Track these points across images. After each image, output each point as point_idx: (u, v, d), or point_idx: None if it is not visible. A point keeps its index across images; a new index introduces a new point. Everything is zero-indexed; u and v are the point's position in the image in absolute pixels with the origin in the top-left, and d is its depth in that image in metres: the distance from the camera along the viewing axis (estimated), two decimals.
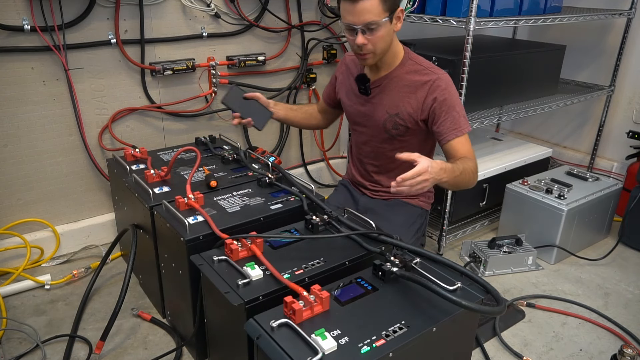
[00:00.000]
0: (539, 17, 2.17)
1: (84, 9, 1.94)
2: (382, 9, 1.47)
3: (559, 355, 1.70)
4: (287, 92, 2.59)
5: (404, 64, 1.65)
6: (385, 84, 1.67)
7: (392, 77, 1.66)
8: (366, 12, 1.46)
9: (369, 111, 1.73)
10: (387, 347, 1.04)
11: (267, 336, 1.06)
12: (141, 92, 2.19)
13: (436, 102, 1.59)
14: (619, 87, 2.79)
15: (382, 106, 1.69)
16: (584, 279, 2.14)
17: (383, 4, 1.47)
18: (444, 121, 1.59)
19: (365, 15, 1.47)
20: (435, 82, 1.60)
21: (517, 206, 2.32)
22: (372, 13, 1.47)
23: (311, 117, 2.00)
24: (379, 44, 1.53)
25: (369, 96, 1.71)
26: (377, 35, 1.51)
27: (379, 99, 1.69)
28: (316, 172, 2.89)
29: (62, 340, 1.68)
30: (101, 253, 2.18)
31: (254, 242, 1.36)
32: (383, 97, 1.68)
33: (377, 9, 1.46)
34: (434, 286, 1.13)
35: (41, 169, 2.06)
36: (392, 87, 1.66)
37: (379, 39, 1.52)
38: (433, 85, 1.60)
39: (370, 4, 1.46)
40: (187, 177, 1.74)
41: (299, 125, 2.07)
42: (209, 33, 2.26)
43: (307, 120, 2.00)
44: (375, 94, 1.70)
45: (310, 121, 2.01)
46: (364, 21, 1.48)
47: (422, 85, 1.61)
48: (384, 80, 1.67)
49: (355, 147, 1.89)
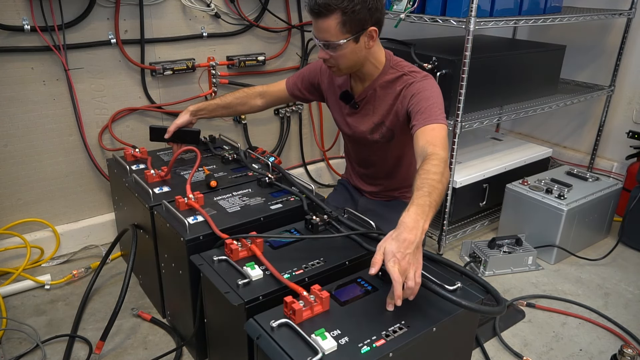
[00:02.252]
0: (539, 17, 2.17)
1: (84, 9, 1.94)
2: (341, 31, 1.44)
3: (559, 355, 1.70)
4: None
5: (385, 73, 1.61)
6: (370, 95, 1.65)
7: (375, 87, 1.63)
8: (324, 30, 1.45)
9: (355, 122, 1.72)
10: (387, 347, 1.04)
11: (267, 336, 1.06)
12: (141, 92, 2.19)
13: (412, 98, 1.54)
14: (619, 87, 2.79)
15: (367, 117, 1.68)
16: (584, 279, 2.14)
17: (342, 26, 1.43)
18: (417, 113, 1.49)
19: (323, 33, 1.46)
20: (413, 83, 1.56)
21: (517, 206, 2.32)
22: (330, 34, 1.45)
23: (244, 107, 1.95)
24: (340, 60, 1.51)
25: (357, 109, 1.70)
26: (338, 54, 1.49)
27: (365, 111, 1.68)
28: (316, 172, 2.89)
29: (62, 340, 1.68)
30: (101, 253, 2.18)
31: (254, 242, 1.36)
32: (369, 108, 1.67)
33: (335, 30, 1.43)
34: (433, 286, 1.13)
35: (41, 169, 2.06)
36: (375, 97, 1.64)
37: (340, 57, 1.50)
38: (413, 84, 1.56)
39: (327, 25, 1.43)
40: (187, 177, 1.74)
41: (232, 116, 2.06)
42: (209, 33, 2.26)
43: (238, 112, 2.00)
44: (362, 106, 1.68)
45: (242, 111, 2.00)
46: (322, 39, 1.47)
47: (401, 84, 1.58)
48: (369, 90, 1.65)
49: (352, 152, 1.88)
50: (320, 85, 1.81)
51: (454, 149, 2.07)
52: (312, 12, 1.44)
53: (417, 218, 1.11)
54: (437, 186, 1.22)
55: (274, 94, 1.93)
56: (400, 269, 1.06)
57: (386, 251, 1.07)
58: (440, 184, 1.23)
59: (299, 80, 1.86)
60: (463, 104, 2.00)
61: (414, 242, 1.08)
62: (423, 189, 1.20)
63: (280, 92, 1.92)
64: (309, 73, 1.83)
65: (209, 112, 1.91)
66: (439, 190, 1.22)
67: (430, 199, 1.17)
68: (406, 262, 1.07)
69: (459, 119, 2.03)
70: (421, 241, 1.12)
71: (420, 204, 1.15)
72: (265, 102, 1.95)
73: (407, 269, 1.07)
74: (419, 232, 1.10)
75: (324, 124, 2.82)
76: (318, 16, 1.44)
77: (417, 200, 1.16)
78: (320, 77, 1.81)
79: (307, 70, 1.84)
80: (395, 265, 1.05)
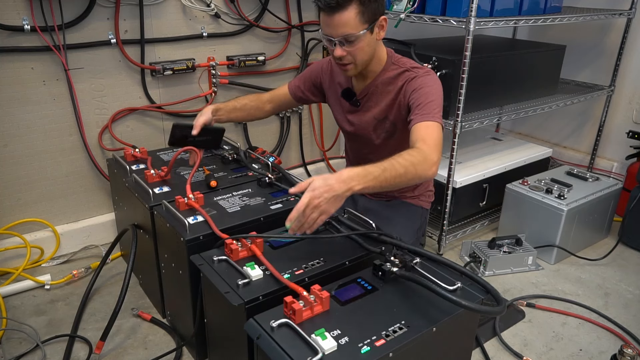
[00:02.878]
0: (539, 17, 2.17)
1: (84, 9, 1.94)
2: (360, 21, 1.43)
3: (559, 355, 1.70)
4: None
5: (387, 69, 1.61)
6: (372, 92, 1.65)
7: (377, 83, 1.63)
8: (343, 24, 1.42)
9: (357, 120, 1.71)
10: (387, 347, 1.04)
11: (267, 336, 1.06)
12: (141, 92, 2.19)
13: (414, 93, 1.54)
14: (619, 87, 2.79)
15: (369, 114, 1.67)
16: (584, 279, 2.14)
17: (361, 16, 1.42)
18: (416, 107, 1.50)
19: (342, 27, 1.43)
20: (415, 78, 1.55)
21: (517, 206, 2.32)
22: (349, 26, 1.43)
23: (257, 111, 1.92)
24: (358, 55, 1.50)
25: (358, 107, 1.69)
26: (357, 47, 1.47)
27: (366, 107, 1.68)
28: (316, 172, 2.89)
29: (62, 340, 1.68)
30: (101, 253, 2.18)
31: (254, 242, 1.36)
32: (370, 105, 1.67)
33: (355, 21, 1.42)
34: (434, 286, 1.13)
35: (41, 169, 2.06)
36: (377, 93, 1.64)
37: (358, 51, 1.48)
38: (411, 80, 1.56)
39: (347, 17, 1.41)
40: (187, 177, 1.74)
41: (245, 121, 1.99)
42: (209, 33, 2.26)
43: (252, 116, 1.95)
44: (364, 103, 1.68)
45: (255, 116, 1.95)
46: (341, 34, 1.44)
47: (403, 80, 1.58)
48: (370, 87, 1.65)
49: (350, 152, 1.88)
50: (322, 84, 1.81)
51: (453, 149, 2.07)
52: (328, 7, 1.41)
53: (354, 177, 1.22)
54: (399, 170, 1.28)
55: (279, 98, 1.91)
56: (309, 202, 1.18)
57: (312, 183, 1.20)
58: (403, 169, 1.28)
59: (300, 82, 1.86)
60: (463, 104, 2.00)
61: (336, 193, 1.20)
62: (383, 164, 1.28)
63: (284, 97, 1.90)
64: (311, 74, 1.83)
65: (226, 113, 1.86)
66: (399, 175, 1.28)
67: (383, 174, 1.25)
68: (318, 202, 1.19)
69: (459, 118, 2.03)
70: (343, 197, 1.22)
71: (369, 170, 1.25)
72: (273, 107, 1.93)
73: (316, 208, 1.19)
74: (345, 188, 1.21)
75: (324, 124, 2.82)
76: (335, 10, 1.41)
77: (369, 167, 1.26)
78: (322, 76, 1.80)
79: (309, 72, 1.84)
80: (307, 197, 1.18)
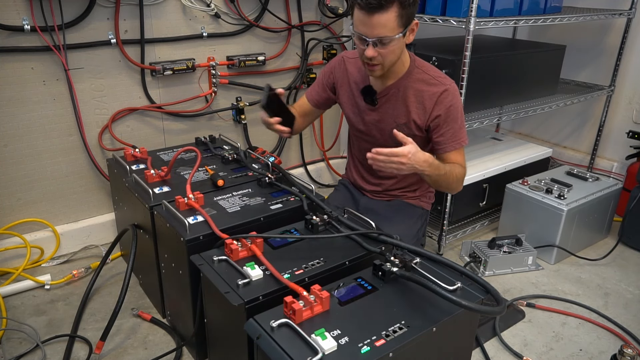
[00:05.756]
0: (539, 17, 2.17)
1: (84, 9, 1.94)
2: (398, 24, 1.41)
3: (559, 355, 1.70)
4: (287, 92, 2.59)
5: (411, 73, 1.61)
6: (393, 94, 1.63)
7: (400, 86, 1.62)
8: (381, 26, 1.40)
9: (374, 120, 1.69)
10: (387, 347, 1.04)
11: (267, 336, 1.06)
12: (141, 92, 2.19)
13: (442, 114, 1.57)
14: (619, 87, 2.79)
15: (389, 116, 1.66)
16: (584, 279, 2.14)
17: (399, 19, 1.40)
18: (446, 132, 1.59)
19: (380, 29, 1.40)
20: (443, 94, 1.57)
21: (517, 206, 2.32)
22: (387, 28, 1.40)
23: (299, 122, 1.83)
24: (388, 57, 1.48)
25: (375, 106, 1.67)
26: (388, 49, 1.46)
27: (385, 109, 1.66)
28: (316, 172, 2.89)
29: (62, 340, 1.68)
30: (101, 253, 2.18)
31: (254, 242, 1.36)
32: (390, 107, 1.65)
33: (393, 24, 1.40)
34: (434, 286, 1.13)
35: (41, 169, 2.06)
36: (399, 96, 1.63)
37: (389, 53, 1.47)
38: (441, 97, 1.57)
39: (386, 19, 1.38)
40: (187, 177, 1.74)
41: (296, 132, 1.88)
42: (209, 33, 2.26)
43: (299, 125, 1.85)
44: (382, 104, 1.66)
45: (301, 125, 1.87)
46: (377, 35, 1.41)
47: (430, 96, 1.58)
48: (391, 89, 1.63)
49: (357, 151, 1.85)
50: (334, 84, 1.79)
51: None
52: (369, 6, 1.38)
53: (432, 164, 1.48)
54: (450, 178, 1.57)
55: (302, 109, 1.85)
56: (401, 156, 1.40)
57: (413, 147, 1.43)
58: (453, 179, 1.58)
59: (318, 89, 1.81)
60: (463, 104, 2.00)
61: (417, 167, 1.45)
62: (446, 167, 1.56)
63: (305, 107, 1.85)
64: (324, 77, 1.80)
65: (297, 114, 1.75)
66: (448, 182, 1.58)
67: (441, 172, 1.53)
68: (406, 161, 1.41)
69: None
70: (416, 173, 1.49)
71: (439, 166, 1.52)
72: (304, 121, 1.88)
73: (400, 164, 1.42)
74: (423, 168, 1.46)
75: (324, 124, 2.82)
76: (375, 10, 1.38)
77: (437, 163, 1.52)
78: (334, 76, 1.78)
79: (322, 76, 1.81)
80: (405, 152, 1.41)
